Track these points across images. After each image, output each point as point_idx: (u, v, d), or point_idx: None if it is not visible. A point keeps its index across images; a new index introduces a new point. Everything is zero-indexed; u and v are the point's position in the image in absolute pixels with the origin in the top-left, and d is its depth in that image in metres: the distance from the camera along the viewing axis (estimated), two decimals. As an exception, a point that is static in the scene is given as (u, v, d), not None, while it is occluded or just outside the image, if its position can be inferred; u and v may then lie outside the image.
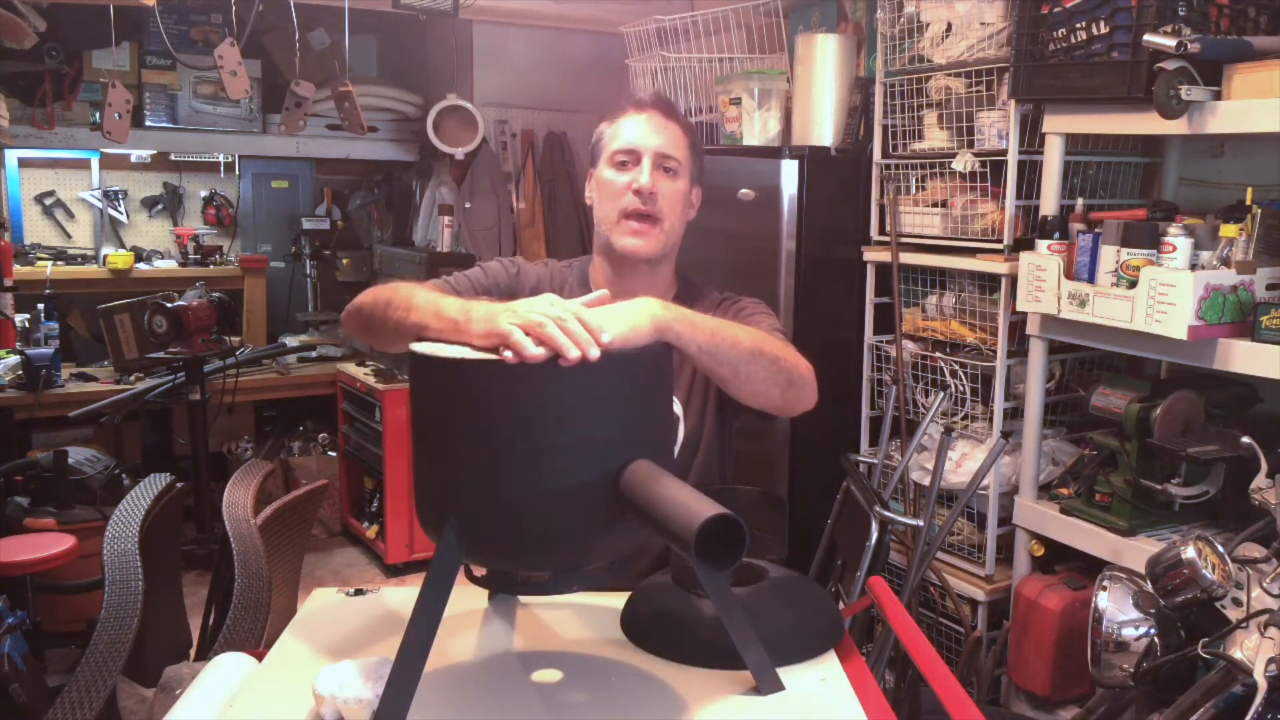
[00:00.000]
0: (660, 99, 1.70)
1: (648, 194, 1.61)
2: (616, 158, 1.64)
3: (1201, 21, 2.13)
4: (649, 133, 1.63)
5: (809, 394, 1.46)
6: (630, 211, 1.62)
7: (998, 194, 2.72)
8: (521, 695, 1.16)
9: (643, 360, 1.16)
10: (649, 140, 1.63)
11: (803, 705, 1.14)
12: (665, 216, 1.63)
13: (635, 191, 1.61)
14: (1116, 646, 1.83)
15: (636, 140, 1.63)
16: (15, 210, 4.78)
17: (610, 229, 1.64)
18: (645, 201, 1.61)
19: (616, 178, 1.63)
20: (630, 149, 1.63)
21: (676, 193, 1.65)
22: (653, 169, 1.62)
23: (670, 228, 1.65)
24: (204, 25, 4.56)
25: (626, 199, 1.62)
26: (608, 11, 4.24)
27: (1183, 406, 2.30)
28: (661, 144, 1.63)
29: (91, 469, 3.59)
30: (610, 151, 1.65)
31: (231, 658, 1.29)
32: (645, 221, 1.62)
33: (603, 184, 1.66)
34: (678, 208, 1.66)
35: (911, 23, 2.87)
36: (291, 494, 2.64)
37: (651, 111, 1.65)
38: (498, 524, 1.09)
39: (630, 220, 1.62)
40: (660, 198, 1.62)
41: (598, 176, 1.68)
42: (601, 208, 1.66)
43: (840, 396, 3.17)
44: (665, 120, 1.65)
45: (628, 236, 1.62)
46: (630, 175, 1.62)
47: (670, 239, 1.66)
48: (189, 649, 2.59)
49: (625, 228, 1.62)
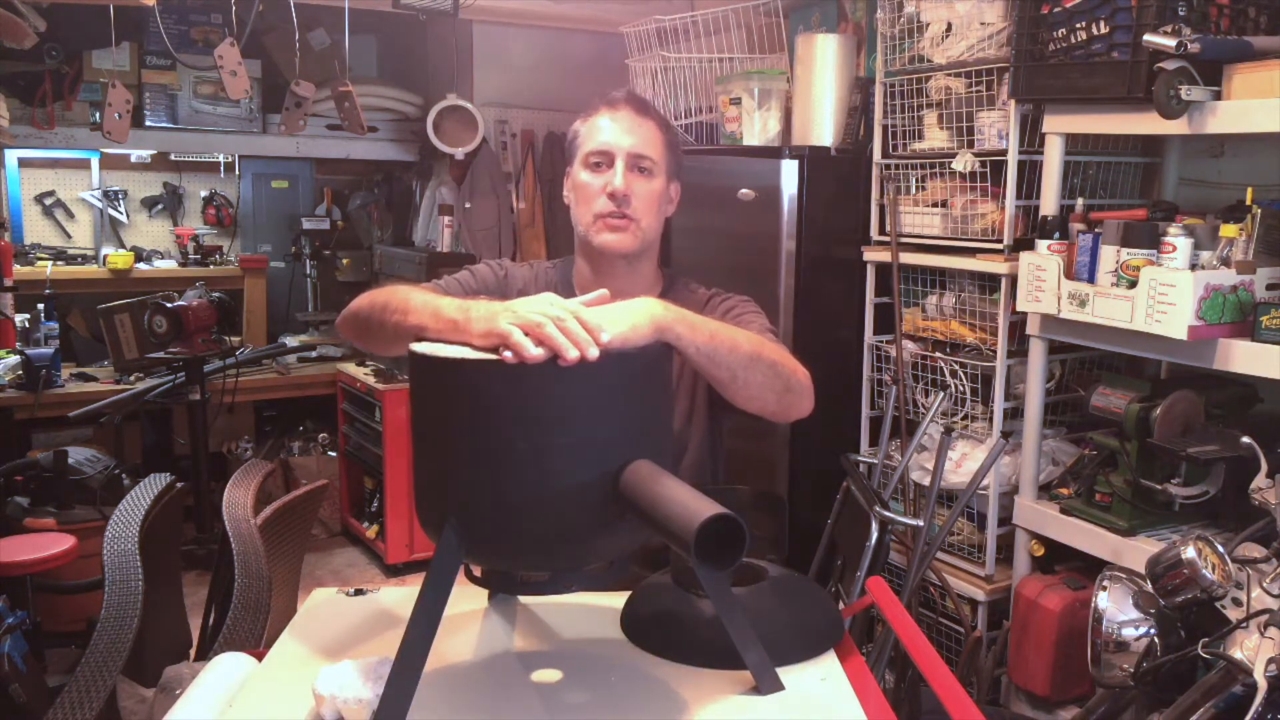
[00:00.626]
0: (632, 96, 1.68)
1: (621, 196, 1.60)
2: (590, 159, 1.63)
3: (1201, 21, 2.13)
4: (621, 133, 1.62)
5: (806, 401, 1.46)
6: (603, 213, 1.62)
7: (998, 194, 2.72)
8: (521, 695, 1.16)
9: (643, 360, 1.16)
10: (621, 140, 1.62)
11: (803, 705, 1.14)
12: (641, 216, 1.63)
13: (610, 195, 1.60)
14: (1116, 646, 1.83)
15: (609, 141, 1.62)
16: (15, 210, 4.78)
17: (587, 229, 1.65)
18: (619, 204, 1.61)
19: (591, 180, 1.63)
20: (603, 150, 1.62)
21: (651, 192, 1.64)
22: (626, 170, 1.61)
23: (647, 225, 1.64)
24: (204, 25, 4.56)
25: (600, 202, 1.62)
26: (608, 11, 4.24)
27: (1183, 406, 2.30)
28: (635, 144, 1.62)
29: (91, 469, 3.59)
30: (584, 153, 1.64)
31: (231, 658, 1.29)
32: (620, 219, 1.62)
33: (578, 186, 1.66)
34: (653, 206, 1.65)
35: (911, 23, 2.87)
36: (291, 494, 2.64)
37: (624, 109, 1.64)
38: (498, 524, 1.09)
39: (606, 219, 1.62)
40: (635, 198, 1.62)
41: (573, 178, 1.68)
42: (577, 210, 1.67)
43: (840, 396, 3.17)
44: (638, 118, 1.64)
45: (605, 233, 1.63)
46: (604, 177, 1.62)
47: (648, 236, 1.66)
48: (189, 649, 2.59)
49: (601, 225, 1.62)
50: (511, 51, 4.75)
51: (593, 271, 1.69)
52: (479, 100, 4.63)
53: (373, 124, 4.69)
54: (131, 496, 2.45)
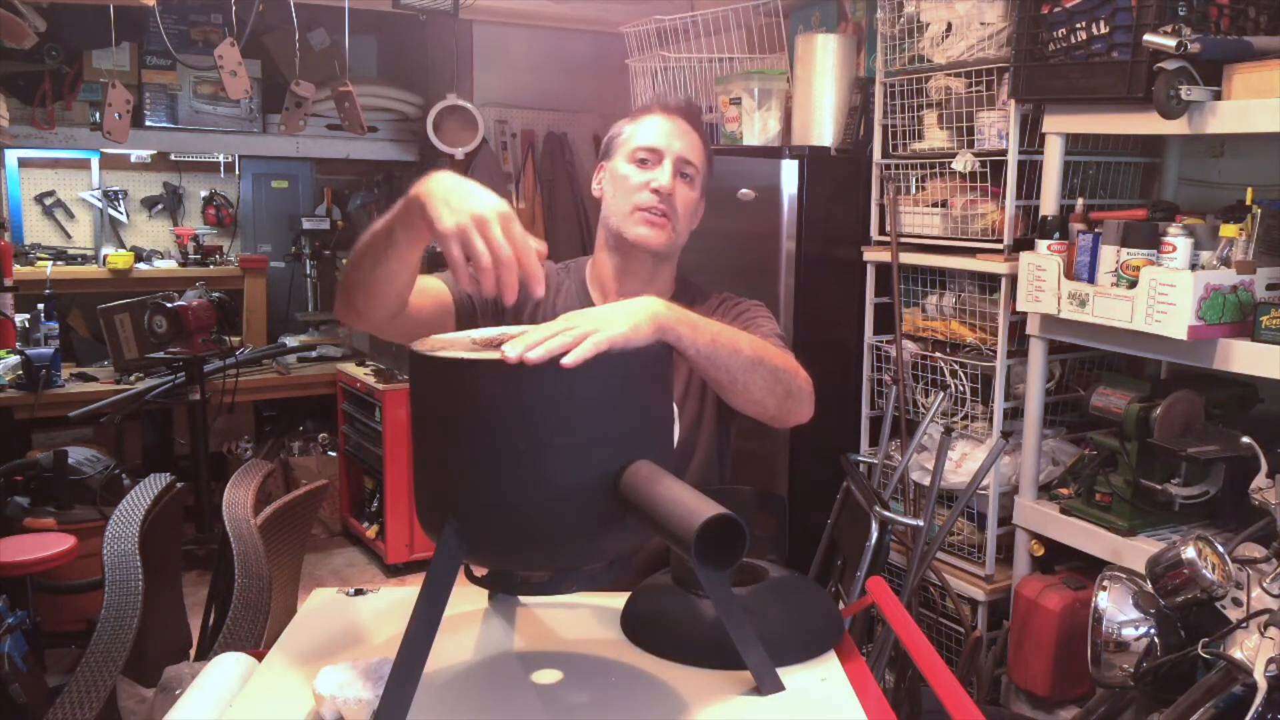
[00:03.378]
0: (690, 106, 1.73)
1: (666, 194, 1.63)
2: (638, 154, 1.65)
3: (1201, 21, 2.13)
4: (674, 136, 1.65)
5: (806, 407, 1.46)
6: (645, 206, 1.63)
7: (998, 194, 2.72)
8: (521, 695, 1.16)
9: (643, 360, 1.16)
10: (673, 143, 1.65)
11: (803, 705, 1.14)
12: (678, 218, 1.65)
13: (654, 190, 1.62)
14: (1116, 646, 1.83)
15: (661, 141, 1.65)
16: (15, 210, 4.78)
17: (621, 220, 1.65)
18: (662, 201, 1.63)
19: (635, 173, 1.65)
20: (654, 148, 1.65)
21: (689, 199, 1.67)
22: (673, 172, 1.64)
23: (681, 229, 1.67)
24: (204, 25, 4.56)
25: (643, 195, 1.63)
26: (608, 11, 4.24)
27: (1183, 406, 2.30)
28: (684, 149, 1.65)
29: (91, 469, 3.58)
30: (632, 147, 1.66)
31: (231, 658, 1.29)
32: (661, 216, 1.63)
33: (619, 178, 1.66)
34: (689, 212, 1.69)
35: (911, 23, 2.87)
36: (291, 494, 2.64)
37: (678, 117, 1.68)
38: (498, 524, 1.09)
39: (643, 212, 1.63)
40: (676, 199, 1.64)
41: (613, 170, 1.69)
42: (614, 200, 1.67)
43: (840, 396, 3.17)
44: (689, 128, 1.68)
45: (641, 226, 1.63)
46: (650, 174, 1.64)
47: (679, 239, 1.68)
48: (189, 649, 2.59)
49: (639, 218, 1.63)
50: (511, 51, 4.75)
51: (617, 267, 1.69)
52: (479, 100, 4.63)
53: (373, 124, 4.69)
54: (131, 496, 2.45)
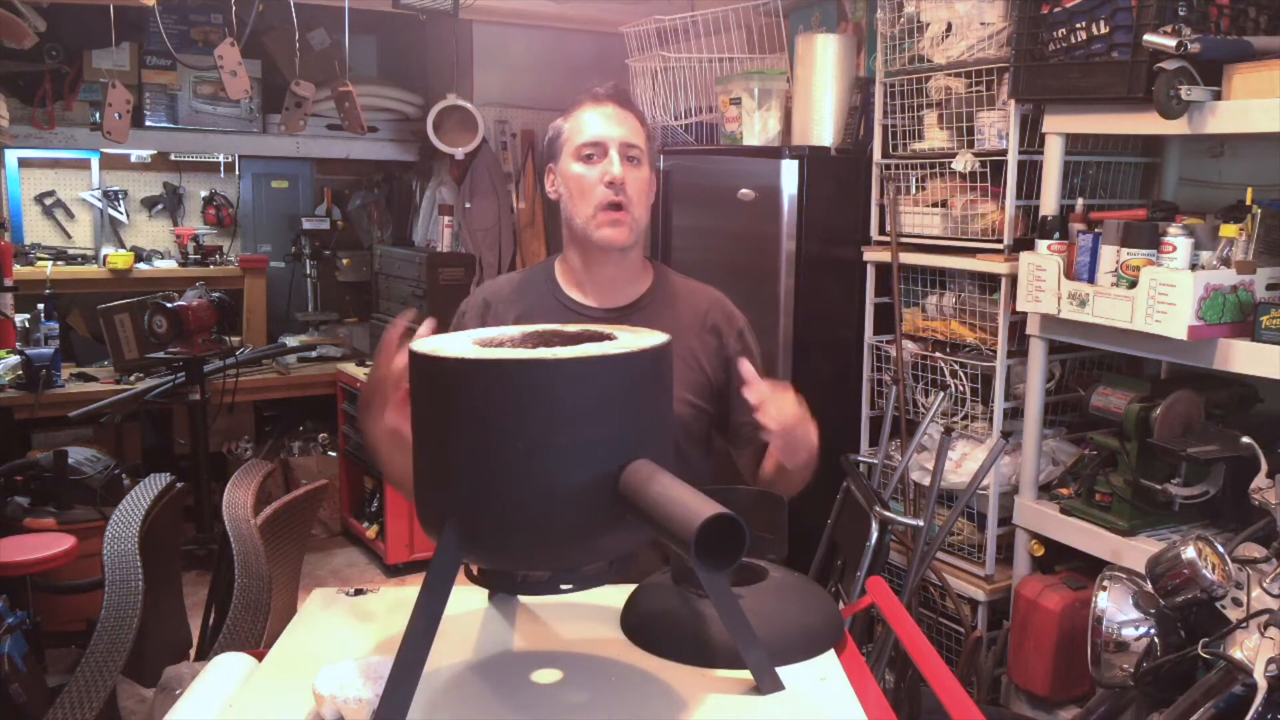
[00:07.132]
0: (616, 90, 1.73)
1: (619, 184, 1.65)
2: (583, 151, 1.67)
3: (1201, 21, 2.13)
4: (612, 124, 1.67)
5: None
6: (605, 203, 1.65)
7: (998, 194, 2.71)
8: (521, 695, 1.16)
9: (643, 360, 1.16)
10: (613, 131, 1.67)
11: (803, 705, 1.14)
12: (634, 204, 1.68)
13: (609, 183, 1.64)
14: (1116, 646, 1.83)
15: (601, 132, 1.67)
16: (15, 210, 4.78)
17: (586, 223, 1.67)
18: (617, 191, 1.65)
19: (586, 171, 1.67)
20: (596, 141, 1.66)
21: (641, 180, 1.69)
22: (620, 159, 1.65)
23: (639, 215, 1.69)
24: (204, 25, 4.56)
25: (600, 192, 1.65)
26: (608, 11, 4.24)
27: (1183, 406, 2.30)
28: (624, 134, 1.67)
29: (91, 469, 3.58)
30: (575, 145, 1.68)
31: (231, 658, 1.29)
32: (619, 211, 1.66)
33: (572, 179, 1.69)
34: (644, 194, 1.71)
35: (911, 23, 2.87)
36: (291, 494, 2.64)
37: (609, 104, 1.69)
38: (498, 524, 1.09)
39: (606, 212, 1.65)
40: (629, 185, 1.66)
41: (563, 172, 1.71)
42: (575, 204, 1.69)
43: (840, 396, 3.16)
44: (623, 110, 1.70)
45: (605, 228, 1.66)
46: (599, 167, 1.66)
47: (639, 226, 1.71)
48: (189, 649, 2.59)
49: (601, 219, 1.66)
50: (511, 51, 4.75)
51: (584, 264, 1.73)
52: (479, 100, 4.62)
53: (373, 124, 4.69)
54: (131, 497, 2.45)
